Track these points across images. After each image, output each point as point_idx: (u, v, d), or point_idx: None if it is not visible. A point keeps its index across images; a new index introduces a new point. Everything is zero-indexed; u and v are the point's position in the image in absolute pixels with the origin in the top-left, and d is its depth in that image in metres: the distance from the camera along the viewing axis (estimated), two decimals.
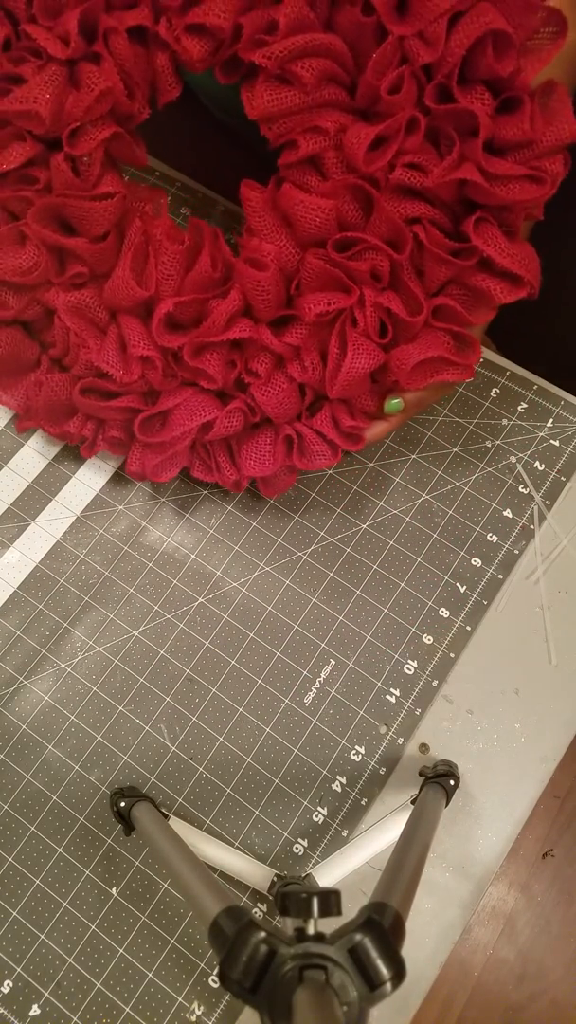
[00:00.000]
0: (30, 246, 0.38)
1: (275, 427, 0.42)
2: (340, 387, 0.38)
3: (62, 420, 0.44)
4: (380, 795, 0.43)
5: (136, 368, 0.39)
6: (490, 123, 0.33)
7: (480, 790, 0.43)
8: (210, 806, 0.43)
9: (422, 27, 0.33)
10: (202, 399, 0.40)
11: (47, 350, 0.42)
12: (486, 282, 0.36)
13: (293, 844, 0.42)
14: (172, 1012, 0.39)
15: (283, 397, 0.40)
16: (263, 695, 0.45)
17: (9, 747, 0.44)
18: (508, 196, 0.34)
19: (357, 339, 0.37)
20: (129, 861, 0.42)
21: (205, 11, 0.34)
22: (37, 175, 0.37)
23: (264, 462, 0.42)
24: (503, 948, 1.01)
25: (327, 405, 0.41)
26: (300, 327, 0.39)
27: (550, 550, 0.48)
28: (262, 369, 0.39)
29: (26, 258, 0.38)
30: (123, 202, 0.38)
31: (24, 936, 0.41)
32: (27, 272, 0.38)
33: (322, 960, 0.24)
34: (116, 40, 0.35)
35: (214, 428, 0.40)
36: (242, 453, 0.42)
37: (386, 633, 0.46)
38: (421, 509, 0.49)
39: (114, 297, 0.39)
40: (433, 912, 0.41)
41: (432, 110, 0.34)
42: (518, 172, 0.33)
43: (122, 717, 0.45)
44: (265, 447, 0.42)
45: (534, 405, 0.51)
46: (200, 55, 0.36)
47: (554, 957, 1.01)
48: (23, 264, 0.38)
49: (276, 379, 0.40)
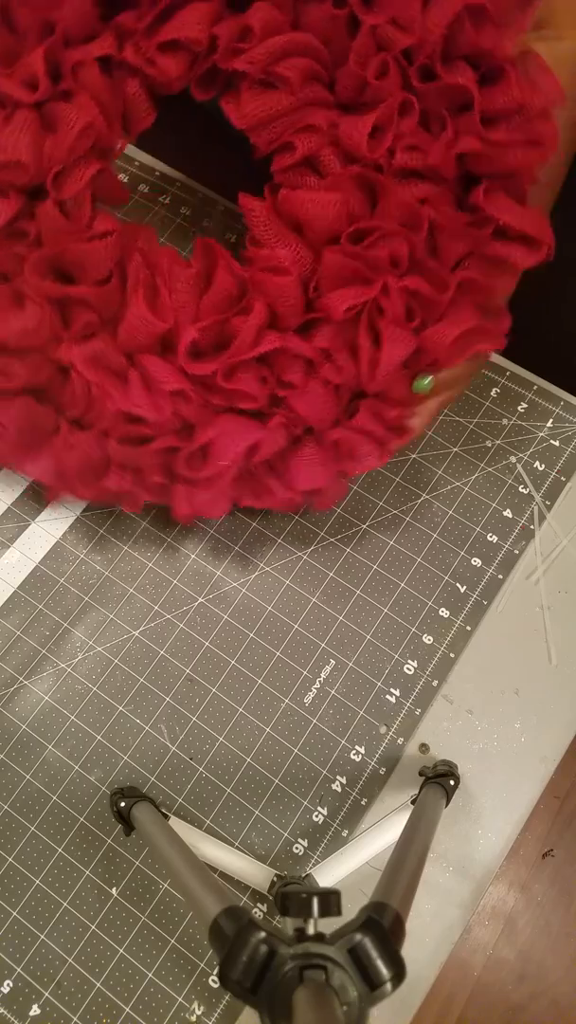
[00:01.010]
0: (31, 304, 0.36)
1: (318, 436, 0.40)
2: (380, 379, 0.37)
3: (97, 479, 0.41)
4: (380, 795, 0.43)
5: (167, 405, 0.37)
6: (480, 95, 0.34)
7: (480, 790, 0.43)
8: (210, 806, 0.43)
9: (394, 13, 0.33)
10: (241, 423, 0.39)
11: (64, 412, 0.40)
12: (505, 249, 0.36)
13: (293, 844, 0.42)
14: (172, 1012, 0.39)
15: (322, 403, 0.38)
16: (263, 695, 0.45)
17: (9, 747, 0.44)
18: (513, 162, 0.34)
19: (389, 328, 0.36)
20: (129, 861, 0.42)
21: (180, 25, 0.34)
22: (26, 228, 0.36)
23: (316, 474, 0.40)
24: (503, 948, 1.01)
25: (365, 403, 0.40)
26: (327, 328, 0.38)
27: (550, 550, 0.48)
28: (296, 378, 0.38)
29: (29, 317, 0.36)
30: (121, 238, 0.37)
31: (24, 936, 0.41)
32: (32, 333, 0.36)
33: (322, 960, 0.24)
34: (87, 73, 0.35)
35: (260, 449, 0.38)
36: (291, 470, 0.40)
37: (386, 633, 0.46)
38: (421, 509, 0.49)
39: (132, 337, 0.37)
40: (433, 912, 0.41)
41: (420, 91, 0.34)
42: (517, 138, 0.34)
43: (122, 717, 0.45)
44: (314, 458, 0.40)
45: (534, 405, 0.51)
46: (178, 72, 0.36)
47: (554, 957, 1.01)
48: (27, 324, 0.36)
49: (312, 386, 0.38)
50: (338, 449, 0.40)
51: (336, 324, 0.37)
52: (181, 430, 0.39)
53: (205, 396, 0.38)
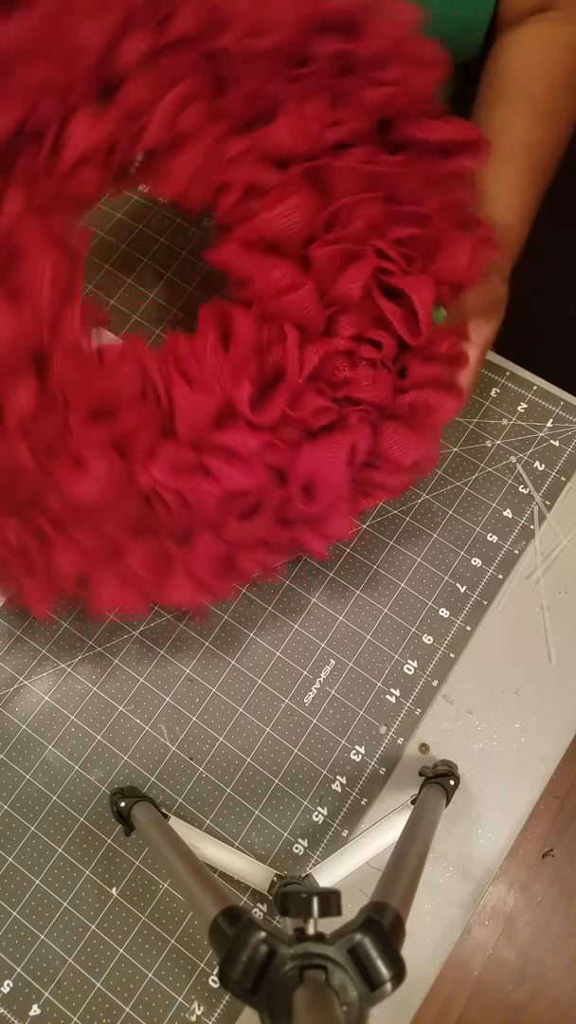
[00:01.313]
0: (93, 461, 0.36)
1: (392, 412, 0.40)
2: (424, 328, 0.38)
3: (231, 569, 0.41)
4: (380, 795, 0.43)
5: (258, 465, 0.38)
6: (357, 46, 0.36)
7: (480, 790, 0.43)
8: (210, 806, 0.43)
9: (251, 28, 0.35)
10: (326, 440, 0.38)
11: (166, 533, 0.40)
12: (452, 163, 0.38)
13: (293, 844, 0.42)
14: (172, 1012, 0.39)
15: (378, 382, 0.38)
16: (263, 695, 0.45)
17: (9, 747, 0.44)
18: (417, 87, 0.37)
19: (404, 280, 0.37)
20: (129, 861, 0.42)
21: (76, 142, 0.35)
22: (52, 396, 0.36)
23: (410, 444, 0.39)
24: (503, 948, 1.01)
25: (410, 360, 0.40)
26: (346, 316, 0.38)
27: (550, 550, 0.48)
28: (346, 374, 0.38)
29: (95, 476, 0.36)
30: (135, 350, 0.38)
31: (24, 936, 0.41)
32: (106, 484, 0.36)
33: (322, 960, 0.24)
34: (26, 236, 0.35)
35: (357, 451, 0.39)
36: (389, 454, 0.40)
37: (386, 633, 0.46)
38: (421, 509, 0.49)
39: (191, 425, 0.38)
40: (433, 912, 0.41)
41: (305, 75, 0.36)
42: (406, 67, 0.37)
43: (122, 717, 0.45)
44: (402, 432, 0.40)
45: (534, 405, 0.51)
46: (97, 183, 0.37)
47: (554, 957, 1.01)
48: (97, 481, 0.36)
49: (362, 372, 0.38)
50: (415, 411, 0.40)
51: (354, 307, 0.38)
52: (279, 481, 0.39)
53: (285, 436, 0.38)
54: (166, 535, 0.39)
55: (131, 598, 0.39)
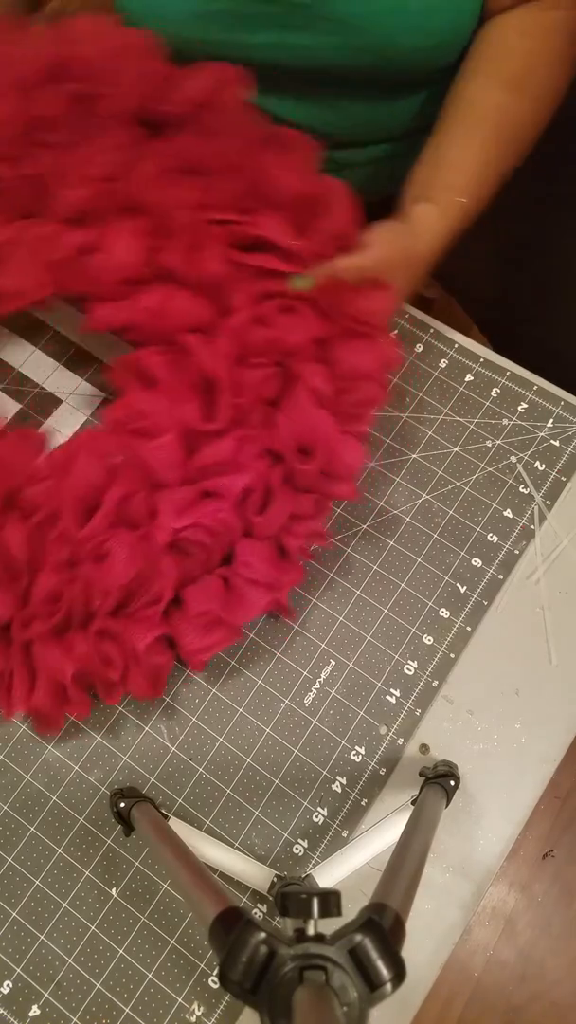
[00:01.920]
0: None
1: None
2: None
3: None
4: (380, 795, 0.43)
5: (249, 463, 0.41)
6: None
7: (480, 790, 0.43)
8: (210, 806, 0.43)
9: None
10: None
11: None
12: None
13: (293, 845, 0.42)
14: (172, 1012, 0.39)
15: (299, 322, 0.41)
16: (263, 695, 0.45)
17: (9, 747, 0.44)
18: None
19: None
20: (129, 861, 0.42)
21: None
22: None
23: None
24: (503, 949, 1.01)
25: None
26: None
27: (550, 550, 0.48)
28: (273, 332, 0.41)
29: None
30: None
31: (24, 936, 0.41)
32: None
33: (322, 961, 0.24)
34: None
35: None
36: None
37: (386, 633, 0.46)
38: (421, 509, 0.49)
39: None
40: (433, 913, 0.41)
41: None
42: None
43: (122, 717, 0.45)
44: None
45: (534, 405, 0.51)
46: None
47: (554, 958, 1.01)
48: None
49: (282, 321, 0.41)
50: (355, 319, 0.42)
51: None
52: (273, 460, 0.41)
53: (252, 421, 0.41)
54: (212, 566, 0.41)
55: (218, 635, 0.41)
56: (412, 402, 0.51)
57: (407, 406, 0.51)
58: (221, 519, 0.39)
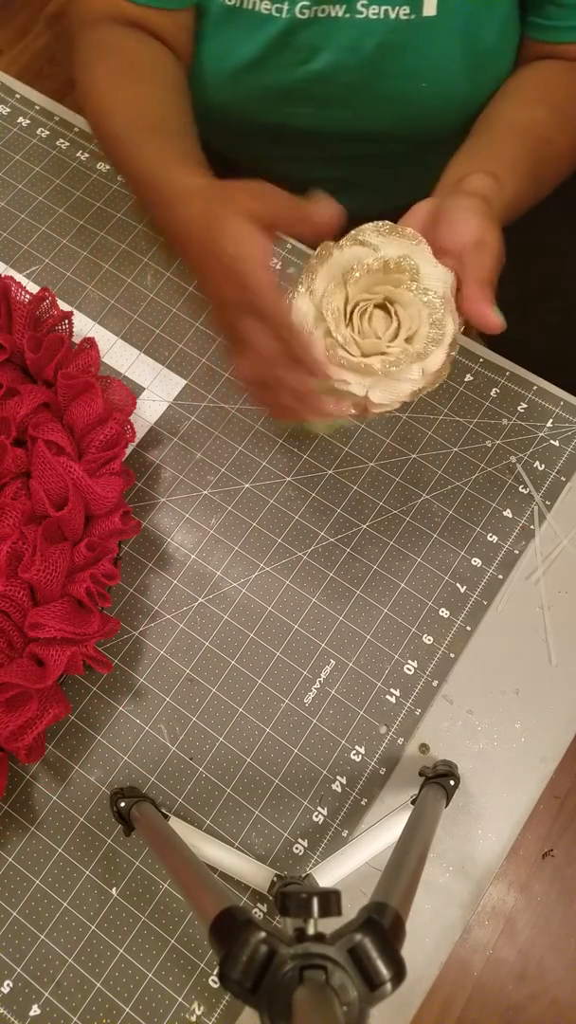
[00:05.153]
0: None
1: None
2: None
3: None
4: (380, 795, 0.43)
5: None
6: None
7: (480, 790, 0.43)
8: (210, 806, 0.43)
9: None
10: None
11: None
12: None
13: (293, 844, 0.42)
14: (172, 1012, 0.39)
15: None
16: (263, 695, 0.45)
17: None
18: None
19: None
20: (129, 861, 0.42)
21: None
22: None
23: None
24: (503, 948, 1.01)
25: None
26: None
27: (550, 550, 0.48)
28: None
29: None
30: None
31: (24, 936, 0.41)
32: None
33: (322, 960, 0.24)
34: None
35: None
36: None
37: (386, 633, 0.46)
38: (421, 509, 0.49)
39: None
40: (433, 912, 0.41)
41: None
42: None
43: (122, 717, 0.45)
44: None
45: (534, 405, 0.51)
46: None
47: (554, 957, 1.01)
48: None
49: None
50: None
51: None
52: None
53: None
54: (18, 648, 0.42)
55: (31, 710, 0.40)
56: (412, 402, 0.51)
57: (407, 406, 0.51)
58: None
